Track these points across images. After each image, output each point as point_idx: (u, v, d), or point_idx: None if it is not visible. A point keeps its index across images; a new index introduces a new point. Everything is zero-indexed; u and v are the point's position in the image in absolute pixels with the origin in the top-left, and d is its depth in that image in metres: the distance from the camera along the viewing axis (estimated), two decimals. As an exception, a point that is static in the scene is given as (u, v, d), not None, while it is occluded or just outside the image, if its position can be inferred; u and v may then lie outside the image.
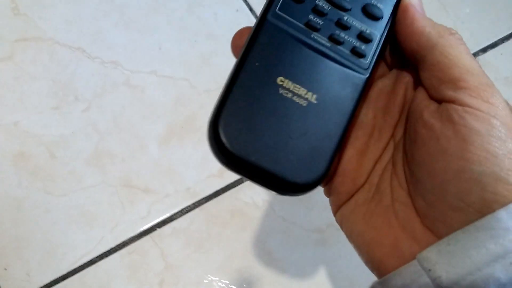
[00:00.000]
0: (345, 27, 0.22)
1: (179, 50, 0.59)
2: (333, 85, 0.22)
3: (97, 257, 0.50)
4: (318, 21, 0.22)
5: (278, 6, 0.22)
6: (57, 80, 0.56)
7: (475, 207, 0.19)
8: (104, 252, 0.50)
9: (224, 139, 0.20)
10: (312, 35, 0.22)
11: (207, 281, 0.50)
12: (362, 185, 0.24)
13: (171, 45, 0.59)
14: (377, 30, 0.23)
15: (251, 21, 0.62)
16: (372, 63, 0.23)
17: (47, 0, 0.59)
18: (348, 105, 0.22)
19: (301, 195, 0.22)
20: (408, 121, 0.23)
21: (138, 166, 0.54)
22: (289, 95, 0.21)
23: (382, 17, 0.23)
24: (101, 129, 0.55)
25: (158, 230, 0.52)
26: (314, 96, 0.21)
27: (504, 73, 0.63)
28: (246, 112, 0.21)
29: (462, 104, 0.20)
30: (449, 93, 0.20)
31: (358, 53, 0.22)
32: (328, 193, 0.26)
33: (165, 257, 0.51)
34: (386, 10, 0.23)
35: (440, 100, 0.21)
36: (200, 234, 0.52)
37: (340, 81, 0.22)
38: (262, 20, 0.22)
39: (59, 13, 0.59)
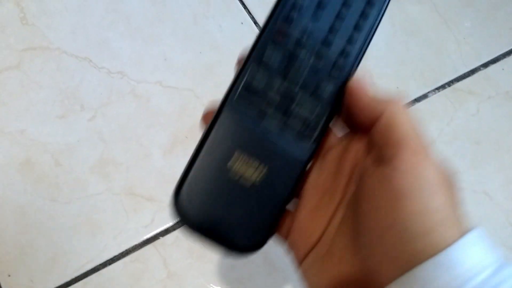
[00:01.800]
0: (293, 115, 0.26)
1: (184, 61, 0.60)
2: (278, 162, 0.26)
3: (100, 264, 0.51)
4: (269, 110, 0.26)
5: (236, 96, 0.26)
6: (63, 89, 0.57)
7: (403, 260, 0.21)
8: (108, 260, 0.51)
9: (181, 208, 0.26)
10: (263, 121, 0.26)
11: (209, 290, 0.51)
12: (317, 243, 0.26)
13: (176, 55, 0.60)
14: (325, 110, 0.26)
15: (255, 33, 0.63)
16: (314, 145, 0.26)
17: (55, 10, 0.60)
18: (288, 183, 0.26)
19: (247, 256, 0.26)
20: (354, 182, 0.25)
21: (142, 174, 0.54)
22: (237, 177, 0.25)
23: (328, 99, 0.26)
24: (106, 138, 0.55)
25: (161, 239, 0.52)
26: (264, 171, 0.26)
27: (505, 88, 0.64)
28: (202, 187, 0.25)
29: (398, 164, 0.22)
30: (388, 155, 0.23)
31: (303, 136, 0.26)
32: (288, 250, 0.28)
33: (168, 265, 0.51)
34: (333, 91, 0.26)
35: (380, 163, 0.23)
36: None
37: (283, 160, 0.26)
38: (221, 107, 0.26)
39: (66, 23, 0.60)
